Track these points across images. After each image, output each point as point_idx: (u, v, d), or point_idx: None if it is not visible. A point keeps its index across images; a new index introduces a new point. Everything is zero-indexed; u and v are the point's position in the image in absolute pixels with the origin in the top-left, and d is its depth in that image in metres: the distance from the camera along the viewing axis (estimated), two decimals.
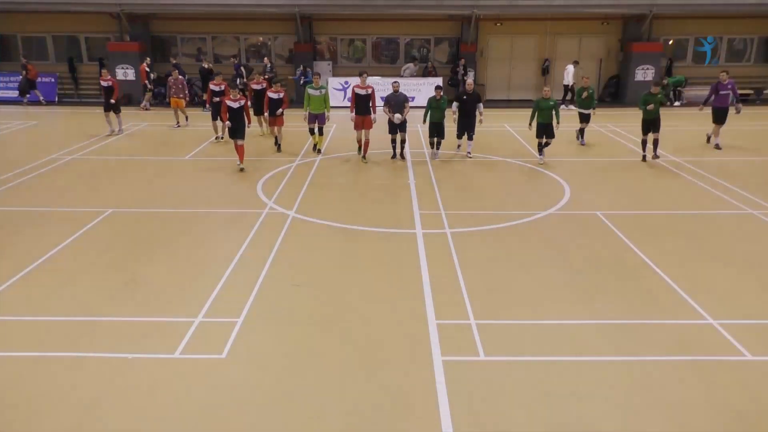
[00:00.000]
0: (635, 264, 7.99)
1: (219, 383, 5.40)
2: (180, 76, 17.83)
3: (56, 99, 22.39)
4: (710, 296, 7.02)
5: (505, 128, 17.53)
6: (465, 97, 13.44)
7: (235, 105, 12.50)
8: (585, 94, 14.84)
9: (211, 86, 15.38)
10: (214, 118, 15.35)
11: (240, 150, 12.51)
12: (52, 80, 22.56)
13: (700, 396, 5.21)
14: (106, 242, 8.75)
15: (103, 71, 16.52)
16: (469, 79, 13.72)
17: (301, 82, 21.70)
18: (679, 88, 21.99)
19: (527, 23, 22.77)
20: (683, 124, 18.05)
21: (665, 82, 21.96)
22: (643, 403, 5.13)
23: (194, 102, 21.00)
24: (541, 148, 13.26)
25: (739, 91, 22.27)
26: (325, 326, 6.41)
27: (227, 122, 12.59)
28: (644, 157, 13.41)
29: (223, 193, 11.20)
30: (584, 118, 15.32)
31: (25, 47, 23.52)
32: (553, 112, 12.91)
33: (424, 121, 13.47)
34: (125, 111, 19.32)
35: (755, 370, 5.61)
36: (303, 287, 7.31)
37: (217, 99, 14.53)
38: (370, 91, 13.12)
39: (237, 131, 12.54)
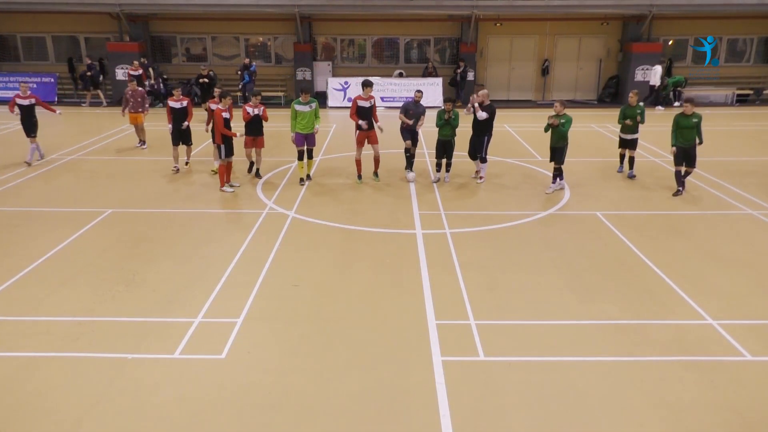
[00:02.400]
0: (635, 264, 7.99)
1: (218, 383, 5.40)
2: (139, 88, 14.77)
3: (56, 99, 22.36)
4: (710, 296, 7.03)
5: (504, 128, 17.52)
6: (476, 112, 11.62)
7: (228, 115, 11.11)
8: (629, 121, 11.88)
9: (170, 103, 12.50)
10: (176, 143, 12.61)
11: (230, 169, 11.38)
12: (52, 80, 22.53)
13: (699, 396, 5.22)
14: (106, 242, 8.76)
15: (22, 85, 13.24)
16: (483, 91, 11.63)
17: (240, 86, 21.01)
18: (678, 89, 22.00)
19: (527, 23, 22.77)
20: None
21: (666, 82, 21.99)
22: (643, 403, 5.13)
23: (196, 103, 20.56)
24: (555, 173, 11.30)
25: (739, 92, 22.53)
26: (324, 326, 6.41)
27: (219, 143, 10.93)
28: (679, 191, 11.00)
29: (223, 193, 11.19)
30: (628, 144, 12.21)
31: (25, 47, 23.54)
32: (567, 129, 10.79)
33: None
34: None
35: (755, 370, 5.62)
36: (303, 287, 7.32)
37: (186, 124, 12.51)
38: (373, 101, 11.59)
39: (232, 147, 11.20)
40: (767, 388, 5.33)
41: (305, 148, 11.60)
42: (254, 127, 11.66)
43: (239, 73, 21.11)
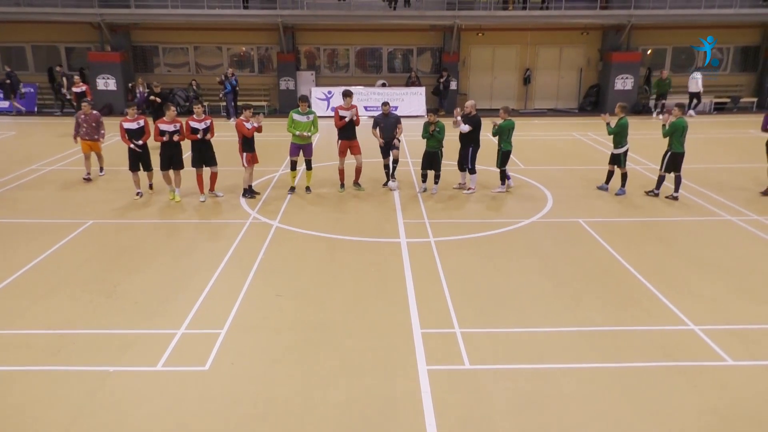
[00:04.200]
0: (618, 271, 8.06)
1: (202, 395, 5.34)
2: (94, 111, 12.51)
3: (35, 109, 22.12)
4: (691, 302, 7.11)
5: (487, 137, 17.61)
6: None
7: (201, 125, 10.78)
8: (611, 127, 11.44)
9: (125, 124, 10.99)
10: (134, 168, 11.25)
11: (213, 179, 11.32)
12: (32, 90, 22.28)
13: (683, 401, 5.27)
14: (87, 254, 8.64)
15: None
16: (470, 102, 11.62)
17: (221, 94, 20.89)
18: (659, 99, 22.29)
19: (508, 33, 23.03)
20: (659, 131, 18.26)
21: (646, 86, 22.33)
22: (628, 408, 5.17)
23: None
24: (508, 176, 11.82)
25: (717, 100, 22.89)
26: (309, 336, 6.37)
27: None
28: (655, 193, 11.41)
29: (205, 203, 11.11)
30: (615, 160, 11.67)
31: (4, 57, 23.26)
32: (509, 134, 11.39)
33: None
34: (107, 120, 19.05)
35: (736, 374, 5.68)
36: (287, 297, 7.28)
37: (139, 142, 11.08)
38: (354, 110, 11.46)
39: (202, 156, 10.99)
40: (749, 392, 5.40)
41: (302, 158, 11.53)
42: (252, 143, 11.11)
43: (221, 82, 21.04)
